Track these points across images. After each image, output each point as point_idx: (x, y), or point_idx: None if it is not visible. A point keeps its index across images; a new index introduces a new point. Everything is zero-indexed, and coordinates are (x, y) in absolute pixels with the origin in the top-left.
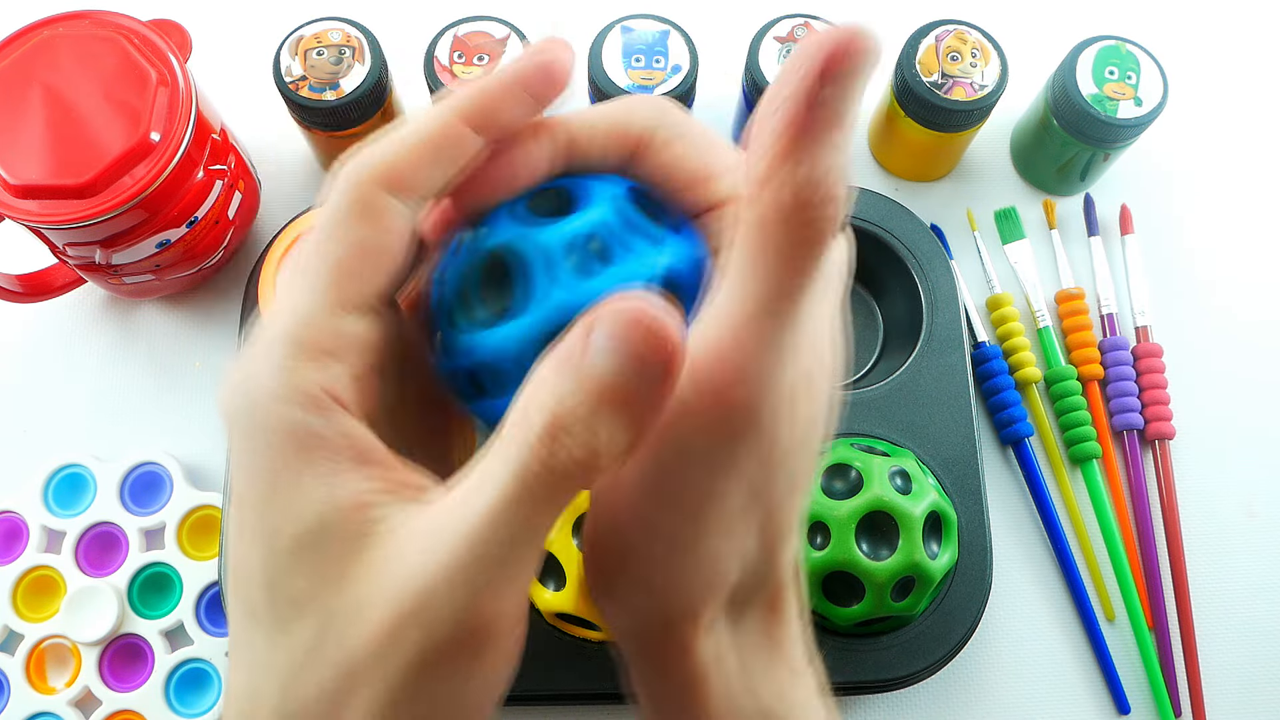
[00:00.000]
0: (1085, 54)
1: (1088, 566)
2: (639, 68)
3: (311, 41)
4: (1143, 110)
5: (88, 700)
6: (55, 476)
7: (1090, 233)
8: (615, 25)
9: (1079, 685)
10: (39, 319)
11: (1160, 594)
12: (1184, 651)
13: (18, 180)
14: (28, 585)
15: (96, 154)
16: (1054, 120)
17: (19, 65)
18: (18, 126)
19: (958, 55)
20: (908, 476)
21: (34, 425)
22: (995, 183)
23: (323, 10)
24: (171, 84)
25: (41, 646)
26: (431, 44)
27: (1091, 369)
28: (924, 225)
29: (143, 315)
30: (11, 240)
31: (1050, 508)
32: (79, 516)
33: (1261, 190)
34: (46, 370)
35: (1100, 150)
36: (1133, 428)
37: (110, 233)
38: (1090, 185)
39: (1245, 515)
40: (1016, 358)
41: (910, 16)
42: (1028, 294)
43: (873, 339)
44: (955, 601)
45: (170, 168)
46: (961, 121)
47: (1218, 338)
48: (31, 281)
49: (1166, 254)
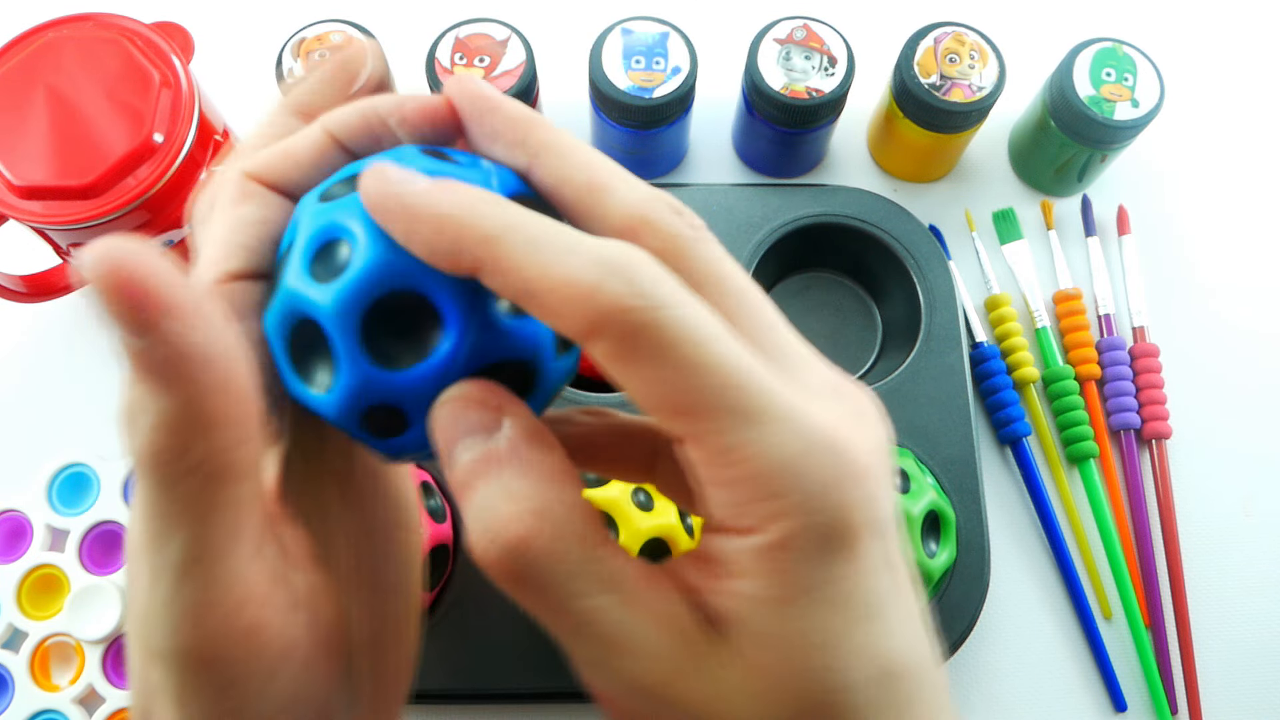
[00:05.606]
0: (1082, 56)
1: (1085, 565)
2: (639, 69)
3: (314, 43)
4: (1139, 112)
5: (91, 698)
6: (59, 476)
7: (1087, 233)
8: (615, 27)
9: (1076, 683)
10: (43, 319)
11: (1157, 592)
12: (1180, 649)
13: (22, 181)
14: (32, 584)
15: (100, 155)
16: (1051, 121)
17: (23, 67)
18: (22, 128)
19: (956, 57)
20: (906, 476)
21: (38, 424)
22: (993, 184)
23: (325, 12)
24: (174, 85)
25: (45, 644)
26: (433, 46)
27: (1089, 369)
28: (922, 226)
29: None
30: (16, 241)
31: (1048, 507)
32: (83, 515)
33: (1258, 191)
34: (50, 370)
35: (1097, 151)
36: (1130, 427)
37: (114, 234)
38: (1087, 186)
39: (1241, 514)
40: (1014, 358)
41: (909, 18)
42: (1025, 294)
43: (871, 339)
44: (953, 600)
45: (173, 169)
46: (960, 123)
47: (1214, 338)
48: (36, 282)
49: (1163, 254)
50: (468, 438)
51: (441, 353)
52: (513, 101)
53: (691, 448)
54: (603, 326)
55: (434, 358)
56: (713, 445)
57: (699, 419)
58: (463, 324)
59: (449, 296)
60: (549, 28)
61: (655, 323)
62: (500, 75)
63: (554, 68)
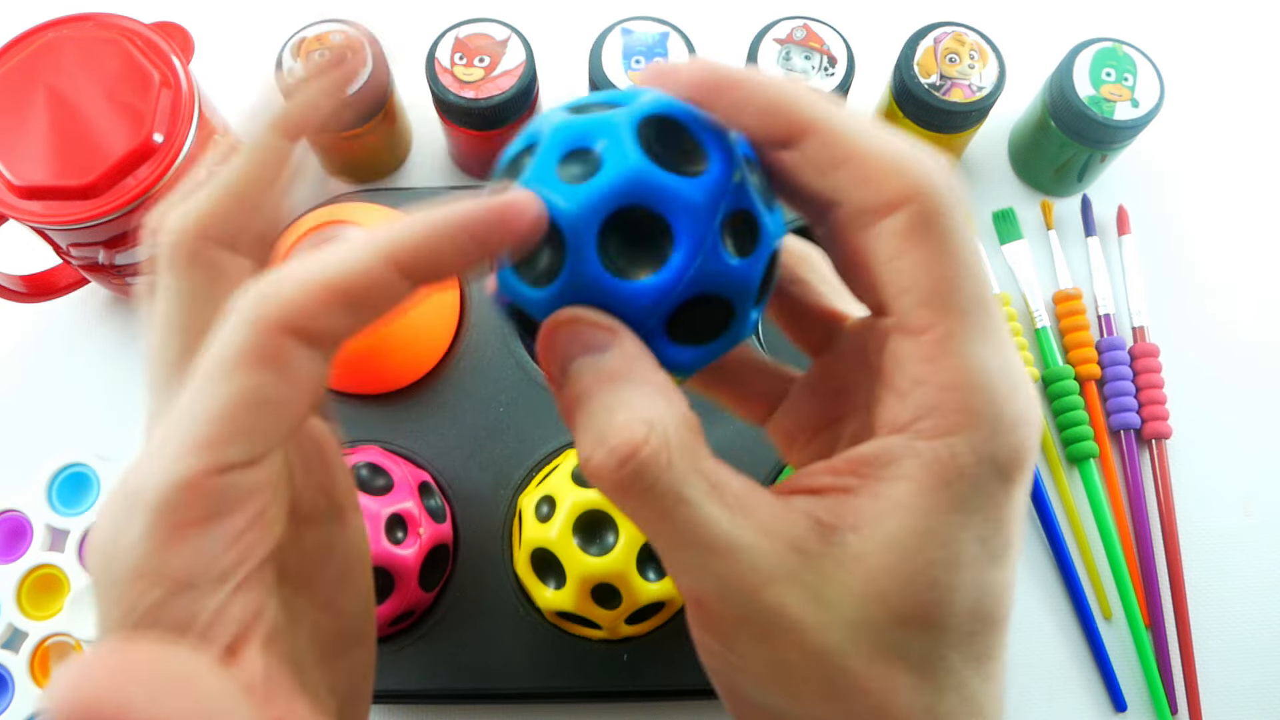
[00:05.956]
0: (1082, 56)
1: (1085, 565)
2: (639, 69)
3: (313, 43)
4: (1139, 112)
5: None
6: (59, 476)
7: (1087, 233)
8: (615, 27)
9: (1076, 683)
10: (43, 319)
11: (1157, 592)
12: (1180, 649)
13: (22, 181)
14: (32, 584)
15: (100, 155)
16: (1051, 121)
17: (23, 67)
18: (22, 128)
19: (956, 57)
20: None
21: (38, 424)
22: (993, 184)
23: (324, 12)
24: (174, 85)
25: (45, 644)
26: (432, 46)
27: (1089, 369)
28: None
29: None
30: (15, 241)
31: (1048, 507)
32: (83, 515)
33: (1258, 191)
34: (50, 370)
35: (1097, 151)
36: (1130, 427)
37: (114, 233)
38: (1087, 186)
39: (1241, 513)
40: None
41: (908, 18)
42: (1025, 294)
43: None
44: None
45: (174, 169)
46: (959, 123)
47: (1214, 338)
48: (35, 282)
49: (1163, 254)
50: (583, 355)
51: (671, 268)
52: (757, 74)
53: (921, 340)
54: (913, 197)
55: (663, 274)
56: (943, 345)
57: (946, 315)
58: (692, 248)
59: (686, 221)
60: (549, 28)
61: (954, 211)
62: (500, 75)
63: (554, 68)
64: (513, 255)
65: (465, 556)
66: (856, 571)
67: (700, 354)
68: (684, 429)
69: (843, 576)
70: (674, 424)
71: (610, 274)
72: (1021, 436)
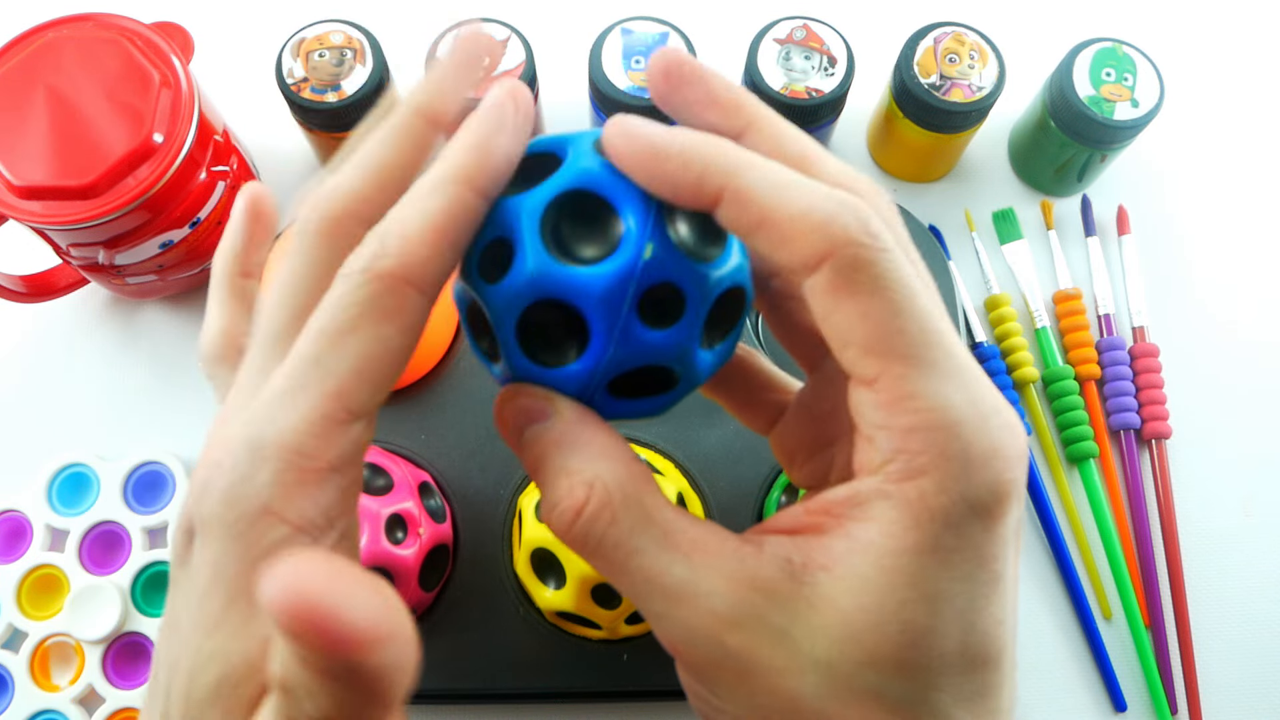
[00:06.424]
0: (1082, 56)
1: (1085, 565)
2: (639, 69)
3: (314, 43)
4: (1139, 112)
5: (91, 698)
6: (59, 476)
7: (1087, 233)
8: (615, 27)
9: (1076, 683)
10: (43, 319)
11: (1157, 592)
12: (1180, 649)
13: (22, 181)
14: (32, 584)
15: (100, 155)
16: (1051, 121)
17: (23, 67)
18: (22, 128)
19: (956, 57)
20: None
21: (37, 425)
22: (993, 184)
23: (325, 12)
24: (174, 86)
25: (45, 644)
26: (432, 46)
27: (1089, 369)
28: (922, 226)
29: (146, 315)
30: (15, 241)
31: (1048, 507)
32: (82, 515)
33: (1258, 191)
34: (50, 370)
35: (1097, 151)
36: (1130, 427)
37: (113, 233)
38: (1087, 186)
39: (1241, 514)
40: (1014, 358)
41: (909, 18)
42: (1025, 294)
43: None
44: None
45: (173, 169)
46: (959, 123)
47: (1214, 338)
48: (35, 282)
49: (1163, 254)
50: (529, 425)
51: (590, 355)
52: (718, 74)
53: (874, 388)
54: (831, 254)
55: (584, 360)
56: (897, 390)
57: (892, 360)
58: (605, 335)
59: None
60: (549, 28)
61: (878, 262)
62: (500, 75)
63: (554, 68)
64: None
65: (465, 556)
66: (827, 612)
67: (654, 403)
68: (630, 483)
69: (813, 617)
70: (616, 481)
71: (535, 364)
72: (996, 471)
